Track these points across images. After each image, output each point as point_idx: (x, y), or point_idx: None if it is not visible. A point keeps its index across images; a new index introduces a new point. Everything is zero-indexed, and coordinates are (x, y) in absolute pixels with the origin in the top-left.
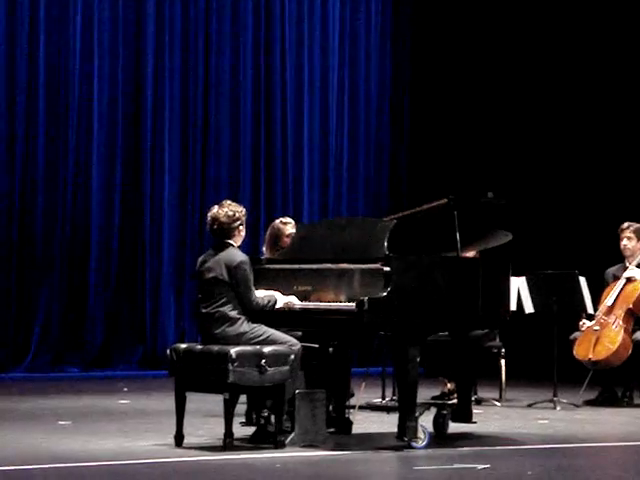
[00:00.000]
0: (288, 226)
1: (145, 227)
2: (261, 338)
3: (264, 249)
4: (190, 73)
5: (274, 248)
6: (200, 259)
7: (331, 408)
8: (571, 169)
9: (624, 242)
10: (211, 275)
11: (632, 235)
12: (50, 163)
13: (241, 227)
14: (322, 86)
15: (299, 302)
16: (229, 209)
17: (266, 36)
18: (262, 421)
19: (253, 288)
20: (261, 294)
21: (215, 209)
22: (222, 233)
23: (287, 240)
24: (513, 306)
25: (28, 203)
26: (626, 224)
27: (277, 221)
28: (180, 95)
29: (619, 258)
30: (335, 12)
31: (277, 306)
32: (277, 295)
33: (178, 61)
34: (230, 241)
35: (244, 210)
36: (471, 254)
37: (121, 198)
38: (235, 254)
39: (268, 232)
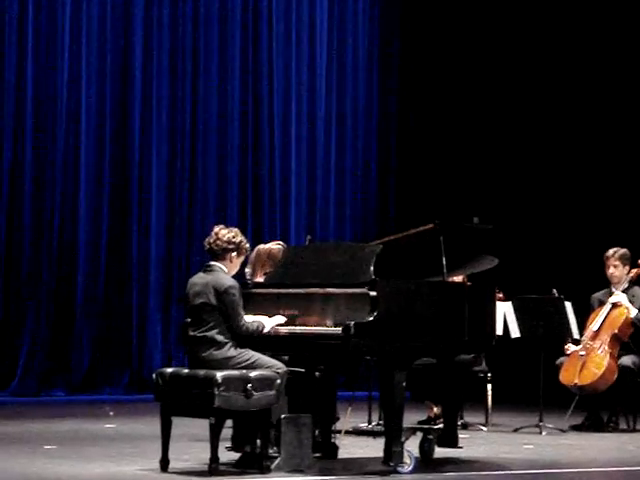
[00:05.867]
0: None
1: (132, 251)
2: (248, 362)
3: (248, 270)
4: (178, 94)
5: (261, 271)
6: (190, 281)
7: (317, 433)
8: (557, 194)
9: (611, 270)
10: (200, 300)
11: (618, 262)
12: (37, 185)
13: (234, 254)
14: (309, 109)
15: (284, 324)
16: (231, 233)
17: (254, 66)
18: (247, 448)
19: (242, 313)
20: (249, 319)
21: (221, 228)
22: (213, 252)
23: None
24: (499, 331)
25: (14, 227)
26: (611, 251)
27: (269, 244)
28: (167, 117)
29: (605, 283)
30: (322, 36)
31: (265, 331)
32: (264, 320)
33: (166, 83)
34: (220, 264)
35: (245, 243)
36: (459, 279)
37: (108, 222)
38: (224, 278)
39: (255, 255)
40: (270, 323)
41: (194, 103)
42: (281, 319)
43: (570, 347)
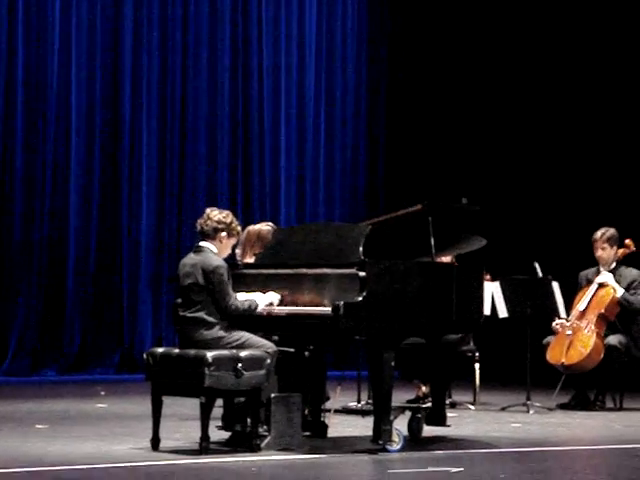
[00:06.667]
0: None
1: (123, 231)
2: (238, 342)
3: (237, 251)
4: (168, 78)
5: (250, 252)
6: (181, 262)
7: (307, 412)
8: (544, 174)
9: (599, 252)
10: (189, 281)
11: (606, 245)
12: (27, 167)
13: (223, 235)
14: (299, 92)
15: (278, 299)
16: (223, 214)
17: (244, 56)
18: (238, 427)
19: (231, 292)
20: (243, 297)
21: (213, 209)
22: (204, 232)
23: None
24: (487, 310)
25: (5, 207)
26: (599, 233)
27: (259, 225)
28: (158, 101)
29: (592, 262)
30: (312, 31)
31: (258, 310)
32: (258, 299)
33: (155, 74)
34: (209, 245)
35: (237, 225)
36: (447, 259)
37: (99, 203)
38: (212, 258)
39: (244, 235)
40: (264, 300)
41: (184, 84)
42: (275, 296)
43: (559, 322)
